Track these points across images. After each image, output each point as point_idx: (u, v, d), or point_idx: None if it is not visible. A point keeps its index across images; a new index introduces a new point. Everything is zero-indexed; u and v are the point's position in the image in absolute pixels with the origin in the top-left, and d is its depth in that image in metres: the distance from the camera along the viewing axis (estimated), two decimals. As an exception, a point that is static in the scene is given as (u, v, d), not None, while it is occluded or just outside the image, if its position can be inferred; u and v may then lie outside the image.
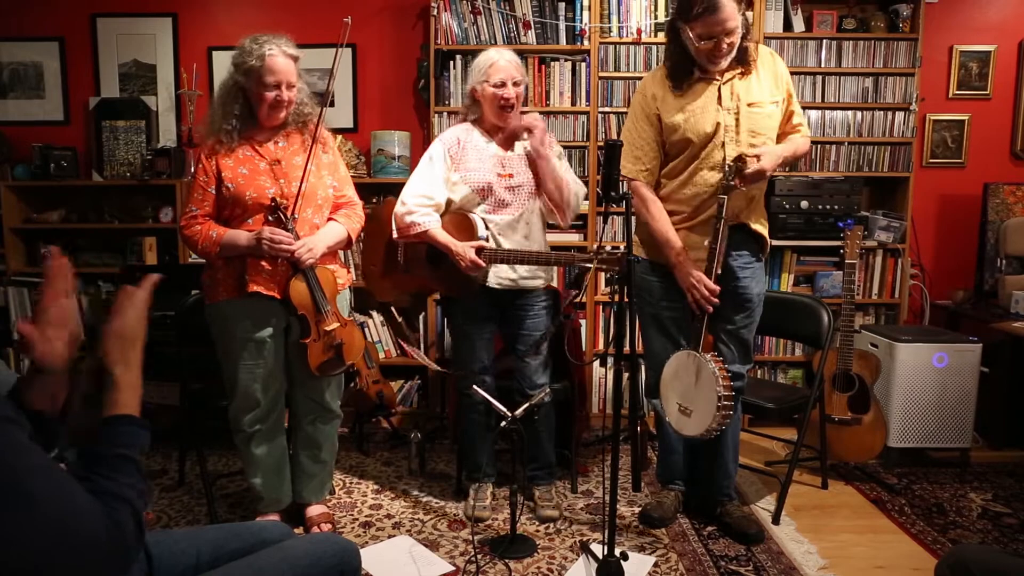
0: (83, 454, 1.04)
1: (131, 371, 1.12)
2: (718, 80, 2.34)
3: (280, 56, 2.26)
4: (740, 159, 2.26)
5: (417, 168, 2.58)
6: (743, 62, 2.35)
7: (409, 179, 2.58)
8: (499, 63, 2.48)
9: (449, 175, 2.53)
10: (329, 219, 2.45)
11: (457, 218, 2.51)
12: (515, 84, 2.48)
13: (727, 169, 2.28)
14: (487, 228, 2.50)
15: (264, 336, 2.36)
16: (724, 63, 2.31)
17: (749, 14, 2.39)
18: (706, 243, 2.33)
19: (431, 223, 2.48)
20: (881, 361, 3.08)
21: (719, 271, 2.32)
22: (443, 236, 2.46)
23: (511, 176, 2.53)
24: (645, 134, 2.44)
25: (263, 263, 2.30)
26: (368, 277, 2.76)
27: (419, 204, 2.49)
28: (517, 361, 2.63)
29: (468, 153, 2.53)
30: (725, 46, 2.25)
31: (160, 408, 3.29)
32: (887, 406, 3.12)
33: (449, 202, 2.55)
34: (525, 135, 2.51)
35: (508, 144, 2.58)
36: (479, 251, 2.42)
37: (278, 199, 2.29)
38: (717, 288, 2.31)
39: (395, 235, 2.55)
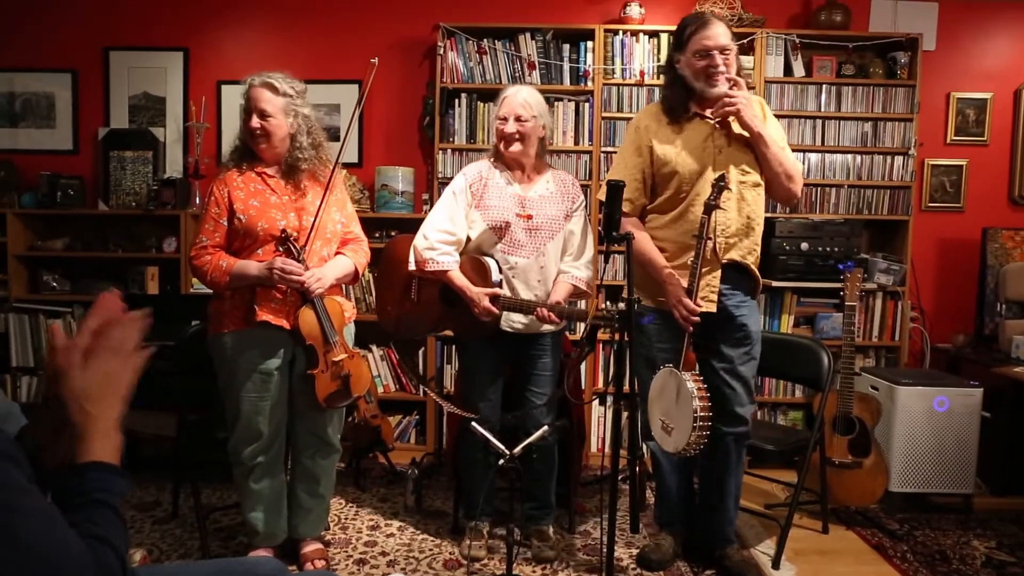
0: (57, 501, 0.98)
1: (100, 423, 1.02)
2: (711, 119, 2.38)
3: (259, 86, 2.33)
4: (723, 178, 2.28)
5: (440, 201, 2.60)
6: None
7: (431, 212, 2.60)
8: (509, 99, 2.52)
9: (469, 211, 2.55)
10: (337, 253, 2.48)
11: (473, 261, 2.51)
12: (519, 120, 2.49)
13: (712, 187, 2.30)
14: (501, 272, 2.51)
15: (271, 368, 2.36)
16: (723, 86, 2.32)
17: (745, 59, 2.44)
18: (688, 261, 2.35)
19: (450, 264, 2.49)
20: (882, 404, 3.06)
21: (706, 299, 2.37)
22: (460, 280, 2.47)
23: (530, 217, 2.53)
24: (631, 164, 2.47)
25: (273, 293, 2.31)
26: (382, 314, 2.76)
27: (441, 240, 2.50)
28: (526, 401, 2.61)
29: (489, 190, 2.54)
30: (720, 61, 2.30)
31: (156, 439, 3.27)
32: (888, 450, 3.09)
33: (467, 239, 2.56)
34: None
35: (529, 184, 2.59)
36: (493, 299, 2.44)
37: (288, 230, 2.31)
38: (697, 308, 2.30)
39: (411, 267, 2.56)
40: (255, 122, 2.32)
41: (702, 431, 2.20)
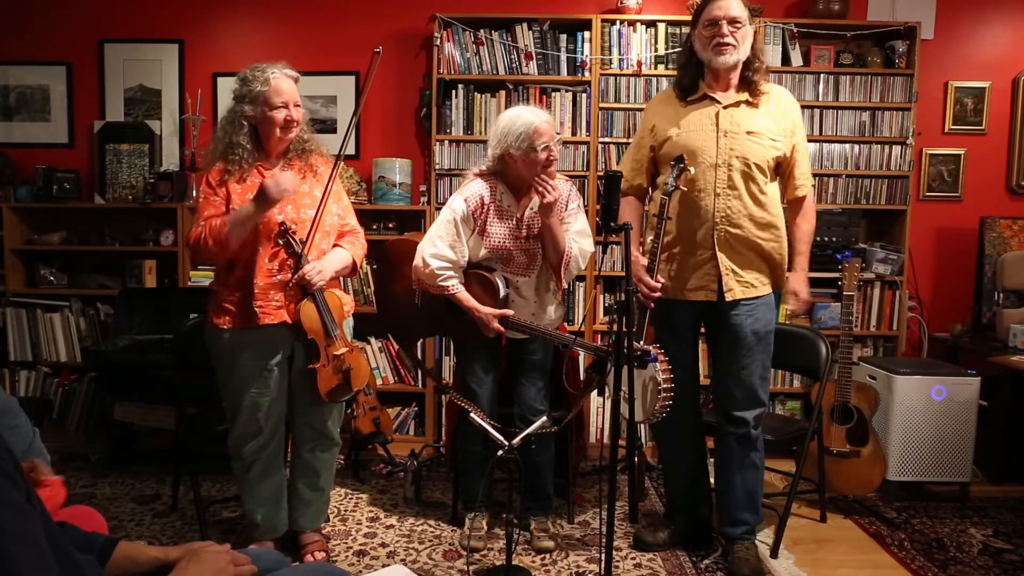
0: None
1: None
2: (720, 103, 2.35)
3: (284, 78, 2.32)
4: (681, 159, 2.29)
5: (439, 223, 2.52)
6: (750, 90, 2.36)
7: (430, 232, 2.53)
8: (541, 127, 2.39)
9: (471, 237, 2.53)
10: (335, 246, 2.47)
11: (480, 278, 2.52)
12: (556, 143, 2.46)
13: (671, 170, 2.31)
14: (508, 287, 2.53)
15: (271, 364, 2.36)
16: (730, 58, 2.30)
17: (765, 47, 2.41)
18: (649, 239, 2.39)
19: (456, 285, 2.50)
20: (879, 393, 3.07)
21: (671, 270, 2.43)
22: (469, 300, 2.48)
23: (527, 238, 2.54)
24: (636, 143, 2.55)
25: (271, 291, 2.30)
26: (383, 311, 2.76)
27: (442, 267, 2.48)
28: (518, 387, 2.63)
29: (491, 217, 2.51)
30: (728, 32, 2.27)
31: (155, 432, 3.28)
32: (886, 439, 3.10)
33: (469, 259, 2.56)
34: (540, 197, 2.42)
35: (527, 200, 2.54)
36: (503, 320, 2.45)
37: (287, 223, 2.30)
38: (657, 285, 2.35)
39: (415, 284, 2.58)
40: (292, 112, 2.31)
41: (664, 401, 2.25)
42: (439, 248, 2.49)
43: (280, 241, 2.30)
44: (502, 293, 2.50)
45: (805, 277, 2.47)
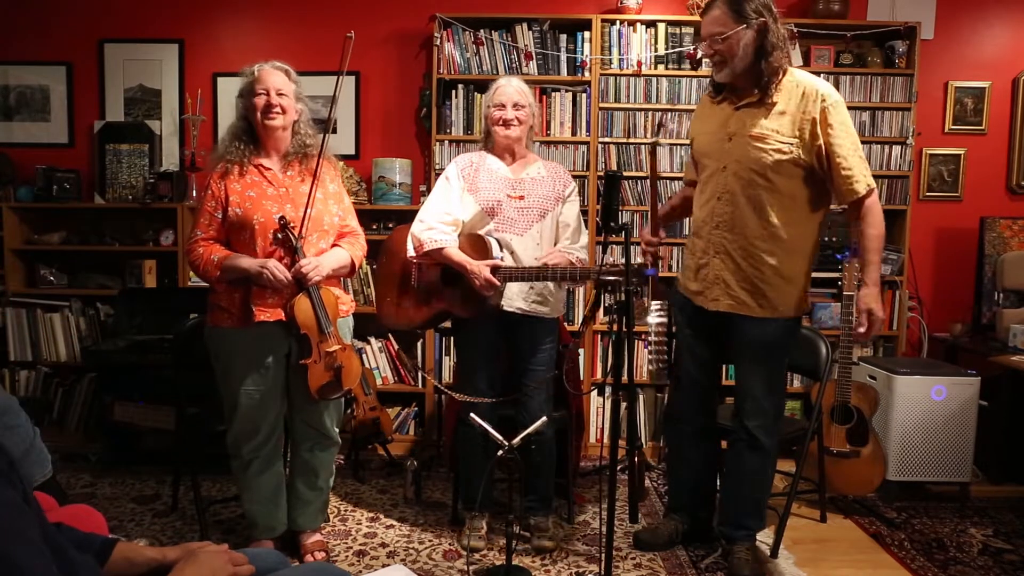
0: None
1: None
2: (733, 104, 2.33)
3: (271, 70, 2.36)
4: (661, 122, 2.44)
5: (434, 189, 2.64)
6: (760, 87, 2.26)
7: (426, 200, 2.64)
8: (504, 88, 2.59)
9: (463, 195, 2.57)
10: (333, 245, 2.47)
11: (473, 239, 2.52)
12: (516, 107, 2.56)
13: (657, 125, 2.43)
14: (502, 249, 2.51)
15: (269, 362, 2.36)
16: (718, 75, 2.30)
17: (781, 40, 2.27)
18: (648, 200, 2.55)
19: (448, 241, 2.50)
20: (879, 393, 3.07)
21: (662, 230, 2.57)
22: (459, 255, 2.48)
23: (522, 198, 2.56)
24: (689, 140, 2.62)
25: (268, 290, 2.30)
26: (382, 306, 2.74)
27: (439, 220, 2.52)
28: (521, 394, 2.61)
29: (480, 174, 2.58)
30: (707, 51, 2.28)
31: (155, 432, 3.28)
32: (886, 439, 3.10)
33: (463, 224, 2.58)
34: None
35: (520, 169, 2.62)
36: (494, 270, 2.42)
37: (286, 218, 2.31)
38: (654, 239, 2.50)
39: (411, 253, 2.56)
40: (273, 98, 2.32)
41: (659, 354, 2.34)
42: (434, 204, 2.56)
43: (279, 236, 2.31)
44: (495, 253, 2.46)
45: (878, 293, 2.25)
